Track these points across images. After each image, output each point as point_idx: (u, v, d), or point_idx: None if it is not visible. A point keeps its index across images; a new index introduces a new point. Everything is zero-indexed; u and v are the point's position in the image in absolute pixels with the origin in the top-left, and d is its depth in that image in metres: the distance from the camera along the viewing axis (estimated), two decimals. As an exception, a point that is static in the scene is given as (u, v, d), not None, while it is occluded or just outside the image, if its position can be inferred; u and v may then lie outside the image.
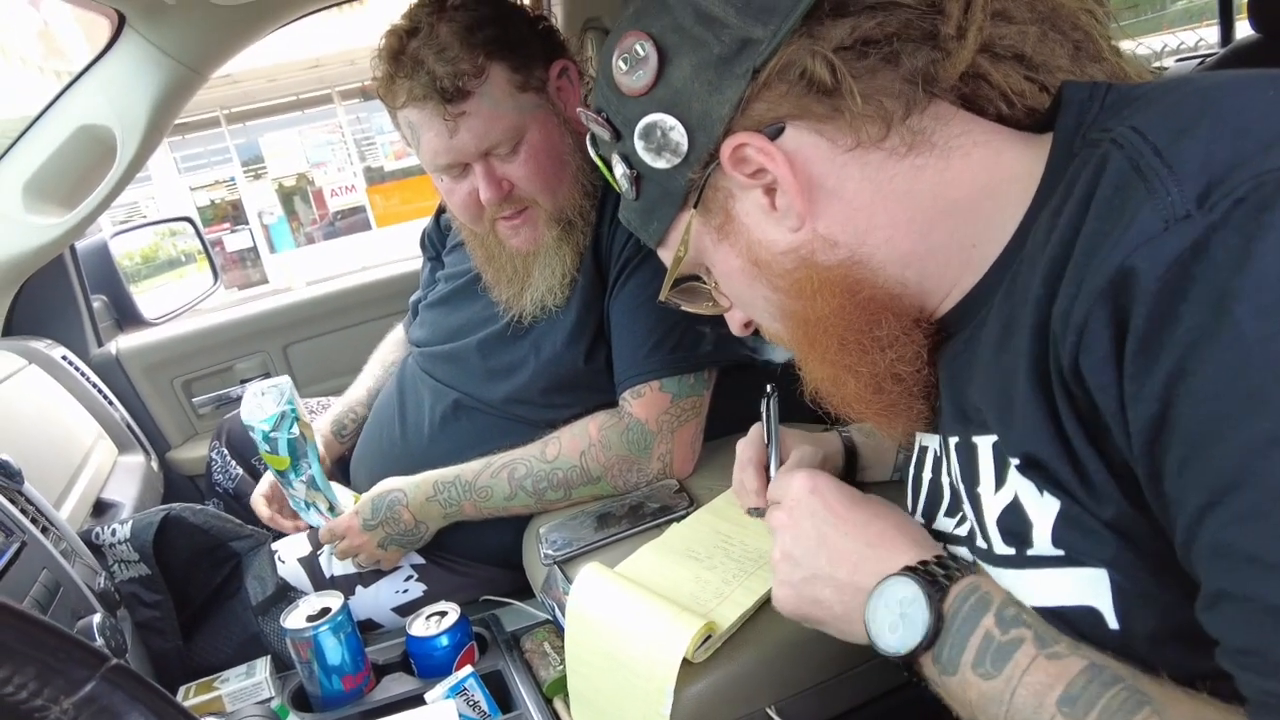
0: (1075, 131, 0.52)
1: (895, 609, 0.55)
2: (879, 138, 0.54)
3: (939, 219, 0.56)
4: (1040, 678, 0.48)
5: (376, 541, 1.14)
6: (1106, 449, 0.45)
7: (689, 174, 0.59)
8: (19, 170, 1.44)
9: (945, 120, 0.55)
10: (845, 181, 0.56)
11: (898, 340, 0.59)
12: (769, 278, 0.61)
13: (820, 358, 0.62)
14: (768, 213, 0.58)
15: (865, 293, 0.58)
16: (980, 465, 0.55)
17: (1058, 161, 0.52)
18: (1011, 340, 0.50)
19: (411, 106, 1.06)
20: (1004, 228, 0.55)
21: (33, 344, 1.51)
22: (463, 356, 1.25)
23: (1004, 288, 0.54)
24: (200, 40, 1.45)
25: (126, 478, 1.47)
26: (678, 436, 1.12)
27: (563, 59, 1.14)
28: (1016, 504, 0.52)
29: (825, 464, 0.94)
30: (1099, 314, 0.41)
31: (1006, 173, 0.55)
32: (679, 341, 1.11)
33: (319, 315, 1.86)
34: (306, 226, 12.58)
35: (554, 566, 0.99)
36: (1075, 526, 0.48)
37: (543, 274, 1.15)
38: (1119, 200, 0.42)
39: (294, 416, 1.10)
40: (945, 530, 0.63)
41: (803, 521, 0.65)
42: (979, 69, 0.55)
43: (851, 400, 0.63)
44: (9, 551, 0.82)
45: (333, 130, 12.43)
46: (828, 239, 0.57)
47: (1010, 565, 0.53)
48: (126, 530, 1.06)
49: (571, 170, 1.13)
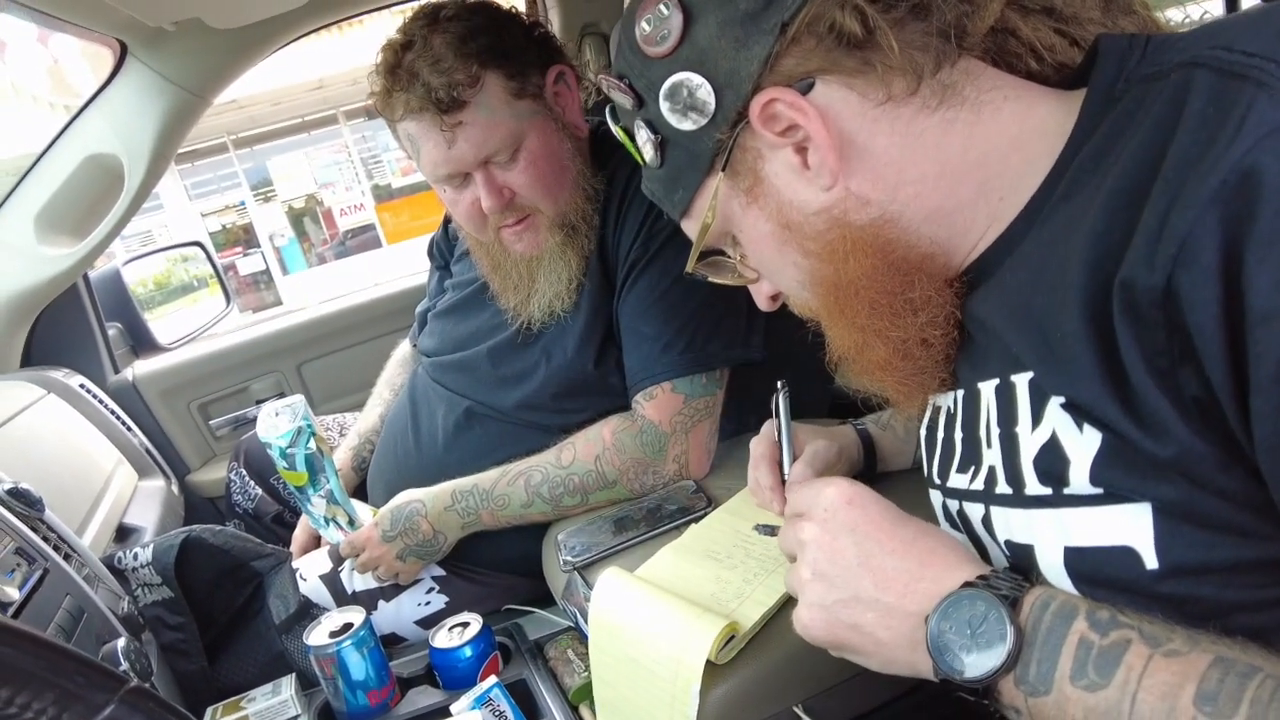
0: (1115, 78, 0.50)
1: (965, 630, 0.50)
2: (909, 91, 0.54)
3: (968, 173, 0.55)
4: (1164, 678, 0.43)
5: (395, 553, 1.13)
6: (1180, 381, 0.42)
7: (716, 135, 0.58)
8: (30, 203, 1.46)
9: (975, 75, 0.55)
10: (876, 137, 0.55)
11: (929, 302, 0.58)
12: (799, 241, 0.60)
13: (849, 323, 0.61)
14: (799, 172, 0.57)
15: (898, 253, 0.57)
16: (1018, 403, 0.53)
17: (1094, 109, 0.51)
18: (1051, 279, 0.49)
19: (409, 119, 1.07)
20: (1032, 178, 0.54)
21: (50, 374, 1.53)
22: (473, 365, 1.25)
23: (1033, 232, 0.53)
24: (201, 65, 1.47)
25: (148, 502, 1.48)
26: (692, 437, 1.11)
27: (559, 64, 1.14)
28: (1054, 441, 0.50)
29: (840, 457, 0.93)
30: (1207, 222, 0.38)
31: (1037, 127, 0.54)
32: (690, 341, 1.10)
33: (331, 333, 1.87)
34: (318, 247, 12.70)
35: (574, 573, 0.98)
36: (1118, 464, 0.46)
37: (548, 279, 1.15)
38: (1219, 108, 0.40)
39: (310, 432, 1.11)
40: (959, 487, 0.62)
41: (841, 537, 0.58)
42: (1008, 23, 0.54)
43: (876, 367, 0.62)
44: (32, 579, 0.82)
45: (339, 150, 12.53)
46: (860, 197, 0.57)
47: (1044, 505, 0.52)
48: (148, 554, 1.06)
49: (572, 175, 1.13)
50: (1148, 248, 0.41)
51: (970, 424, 0.61)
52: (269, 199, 12.48)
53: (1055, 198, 0.52)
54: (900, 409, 0.66)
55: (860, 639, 0.56)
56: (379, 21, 8.03)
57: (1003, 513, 0.56)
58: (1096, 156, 0.48)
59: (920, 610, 0.53)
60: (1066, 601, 0.48)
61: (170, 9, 1.26)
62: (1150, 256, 0.41)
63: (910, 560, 0.55)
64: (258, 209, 12.41)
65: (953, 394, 0.64)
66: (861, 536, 0.57)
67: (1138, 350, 0.43)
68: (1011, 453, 0.54)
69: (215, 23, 1.35)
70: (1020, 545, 0.55)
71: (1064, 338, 0.47)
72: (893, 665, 0.56)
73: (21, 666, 0.39)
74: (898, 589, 0.55)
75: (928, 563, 0.55)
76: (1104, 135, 0.48)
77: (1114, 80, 0.50)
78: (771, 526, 0.75)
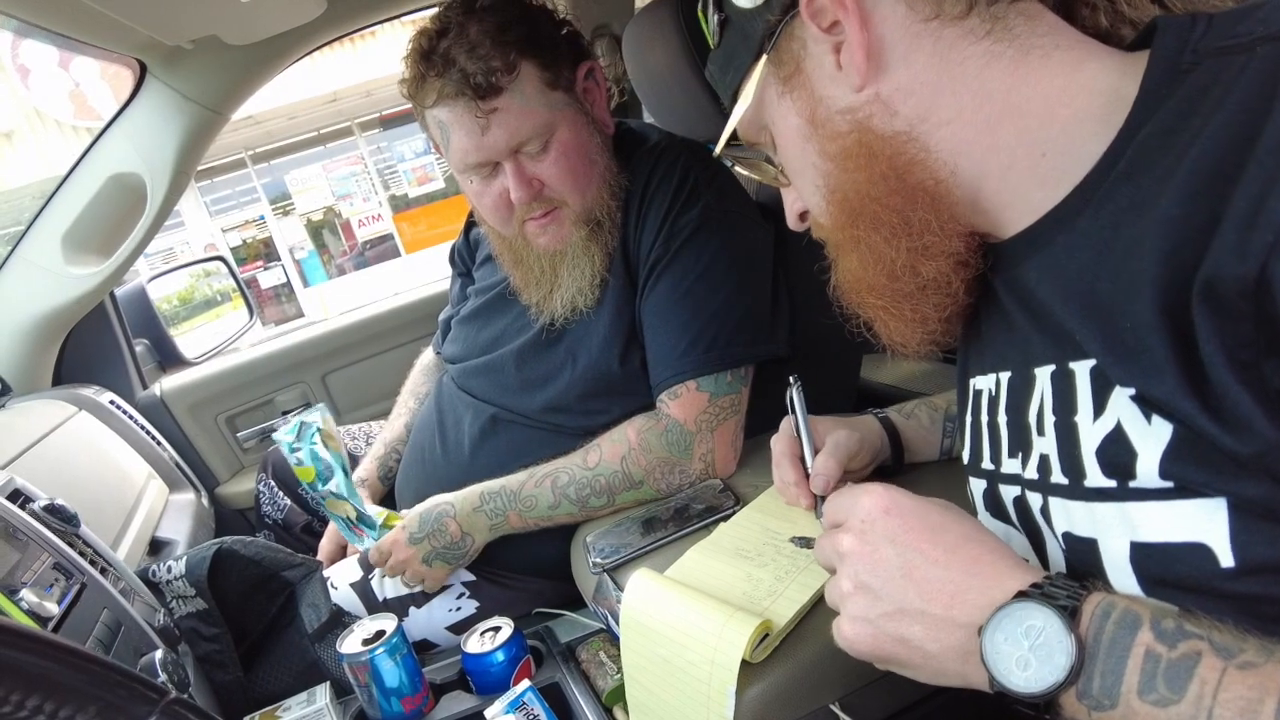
0: (1179, 50, 0.48)
1: (1022, 642, 0.47)
2: (959, 14, 0.54)
3: (1007, 116, 0.54)
4: (1242, 691, 0.41)
5: (422, 555, 1.13)
6: (1266, 372, 0.41)
7: (768, 16, 0.59)
8: (56, 224, 1.48)
9: (1031, 17, 0.54)
10: (915, 52, 0.56)
11: (928, 228, 0.58)
12: (820, 141, 0.60)
13: (854, 239, 0.61)
14: (833, 71, 0.58)
15: (915, 175, 0.57)
16: (1078, 392, 0.52)
17: (1159, 79, 0.49)
18: (1117, 264, 0.47)
19: (442, 105, 1.07)
20: (1084, 145, 0.52)
21: (81, 391, 1.55)
22: (498, 368, 1.25)
23: (1091, 209, 0.51)
24: (219, 81, 1.48)
25: (179, 515, 1.49)
26: (718, 435, 1.10)
27: (589, 61, 1.14)
28: (1120, 432, 0.48)
29: (862, 445, 0.92)
30: None
31: (1088, 84, 0.53)
32: (713, 339, 1.10)
33: (354, 343, 1.88)
34: (337, 258, 12.81)
35: (604, 575, 0.98)
36: (1191, 457, 0.45)
37: (571, 274, 1.15)
38: None
39: (315, 428, 1.13)
40: (1012, 472, 0.60)
41: (882, 548, 0.56)
42: None
43: (866, 289, 0.62)
44: (70, 594, 0.83)
45: (355, 162, 12.64)
46: (888, 106, 0.57)
47: (1107, 499, 0.50)
48: (181, 566, 1.07)
49: (599, 170, 1.14)
50: (1238, 234, 0.40)
51: (1017, 409, 0.59)
52: (288, 212, 12.62)
53: (1116, 174, 0.49)
54: (884, 337, 0.65)
55: (908, 652, 0.54)
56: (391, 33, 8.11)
57: (1062, 504, 0.55)
58: (1165, 134, 0.46)
59: (971, 621, 0.51)
60: (1129, 609, 0.46)
61: (188, 27, 1.28)
62: (1242, 244, 0.39)
63: (955, 570, 0.53)
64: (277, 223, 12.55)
65: (994, 376, 0.62)
66: (903, 546, 0.55)
67: (1219, 342, 0.41)
68: (1070, 442, 0.53)
69: (232, 39, 1.36)
70: (1082, 539, 0.53)
71: (1135, 328, 0.45)
72: (943, 677, 0.54)
73: (65, 680, 0.39)
74: (944, 600, 0.52)
75: (974, 571, 0.53)
76: (1174, 112, 0.46)
77: (1179, 51, 0.48)
78: (807, 539, 0.73)
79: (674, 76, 1.41)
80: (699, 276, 1.11)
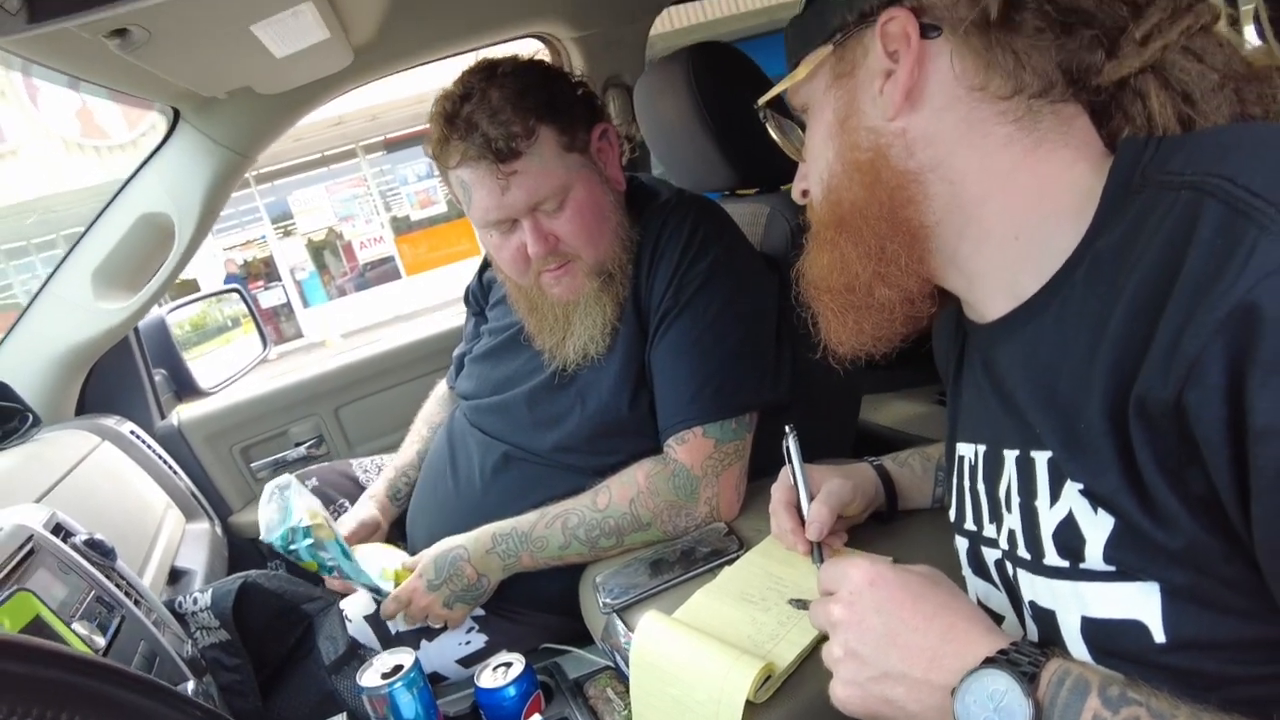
0: (1132, 170, 0.54)
1: (987, 704, 0.53)
2: (1002, 95, 0.58)
3: (999, 193, 0.59)
4: None
5: (442, 601, 1.18)
6: (1187, 481, 0.47)
7: (847, 15, 0.63)
8: (88, 261, 1.54)
9: (1064, 119, 0.58)
10: (949, 111, 0.60)
11: (896, 261, 0.63)
12: (841, 145, 0.65)
13: (832, 241, 0.66)
14: (876, 93, 0.62)
15: (906, 212, 0.62)
16: (1037, 480, 0.58)
17: (1115, 194, 0.54)
18: (1076, 368, 0.53)
19: (465, 166, 1.13)
20: (1055, 239, 0.57)
21: (104, 421, 1.60)
22: (510, 408, 1.30)
23: (1055, 308, 0.57)
24: (248, 127, 1.55)
25: (195, 545, 1.54)
26: (723, 480, 1.16)
27: (603, 122, 1.21)
28: (1071, 519, 0.55)
29: (856, 494, 0.97)
30: (1214, 347, 0.43)
31: (1073, 183, 0.58)
32: (720, 387, 1.15)
33: (367, 377, 1.93)
34: (338, 279, 12.87)
35: (613, 615, 1.03)
36: (1130, 546, 0.51)
37: (583, 323, 1.21)
38: (1226, 241, 0.44)
39: (303, 529, 1.13)
40: (991, 537, 0.66)
41: (869, 617, 0.62)
42: (1143, 87, 0.57)
43: (825, 288, 0.68)
44: (112, 626, 0.88)
45: (358, 184, 12.74)
46: (909, 145, 0.61)
47: (1061, 577, 0.56)
48: (207, 598, 1.12)
49: (612, 225, 1.20)
50: (1163, 363, 0.46)
51: (991, 482, 0.65)
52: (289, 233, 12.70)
53: (1077, 279, 0.55)
54: (826, 333, 0.70)
55: (893, 711, 0.60)
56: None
57: (1028, 577, 0.61)
58: (1118, 250, 0.52)
59: (946, 684, 0.56)
60: (1081, 676, 0.52)
61: (224, 81, 1.34)
62: (1164, 372, 0.46)
63: (932, 636, 0.59)
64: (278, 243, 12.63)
65: (973, 447, 0.68)
66: (887, 615, 0.61)
67: (1151, 451, 0.48)
68: (1031, 523, 0.59)
69: (264, 90, 1.43)
70: (1044, 610, 0.60)
71: (1087, 429, 0.51)
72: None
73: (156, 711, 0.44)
74: (923, 664, 0.58)
75: (949, 637, 0.58)
76: (1124, 232, 0.52)
77: (1131, 170, 0.54)
78: (803, 601, 0.80)
79: (683, 128, 1.48)
80: (707, 326, 1.17)
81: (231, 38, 1.12)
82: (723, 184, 1.57)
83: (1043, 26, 0.56)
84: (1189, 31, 0.55)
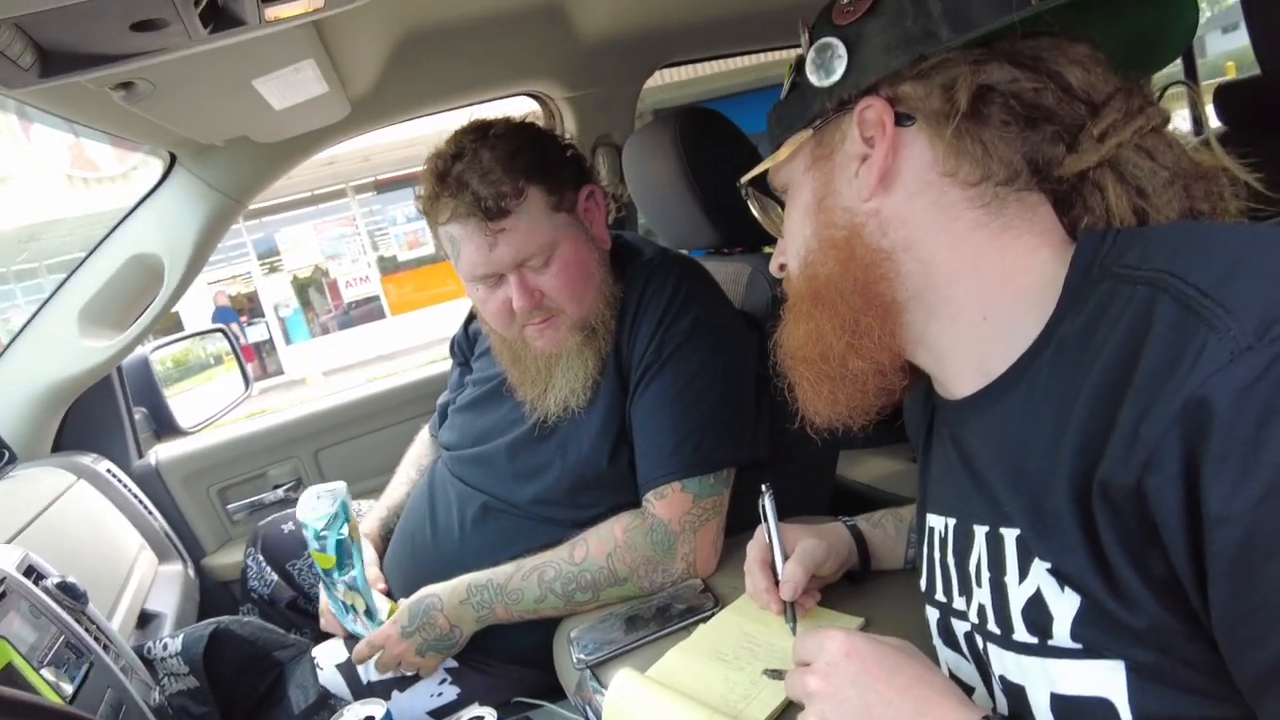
0: (1091, 261, 0.57)
1: None
2: (971, 181, 0.61)
3: (968, 275, 0.62)
4: None
5: (415, 648, 1.18)
6: (1149, 562, 0.49)
7: (826, 102, 0.66)
8: (76, 298, 1.55)
9: (1028, 206, 0.62)
10: (921, 195, 0.63)
11: (869, 334, 0.66)
12: (818, 223, 0.68)
13: (809, 314, 0.69)
14: (852, 175, 0.66)
15: (878, 288, 0.65)
16: (1006, 556, 0.60)
17: (1076, 282, 0.57)
18: (1043, 449, 0.55)
19: (455, 222, 1.16)
20: (1020, 321, 0.60)
21: (80, 459, 1.59)
22: (491, 459, 1.31)
23: (1022, 388, 0.59)
24: (243, 173, 1.58)
25: (167, 587, 1.52)
26: (700, 536, 1.17)
27: (590, 184, 1.25)
28: (1039, 597, 0.56)
29: (830, 554, 0.98)
30: (1170, 437, 0.45)
31: (1035, 269, 0.60)
32: (699, 443, 1.17)
33: (348, 420, 1.94)
34: (321, 317, 12.86)
35: (586, 670, 1.03)
36: (1096, 624, 0.53)
37: (565, 376, 1.23)
38: (1178, 337, 0.47)
39: (345, 518, 1.16)
40: (961, 609, 0.67)
41: (844, 689, 0.63)
42: (1100, 180, 0.61)
43: (801, 358, 0.70)
44: (80, 673, 0.87)
45: (346, 223, 12.81)
46: (882, 225, 0.64)
47: (1030, 653, 0.58)
48: (178, 644, 1.11)
49: (596, 282, 1.23)
50: (1124, 450, 0.48)
51: (961, 556, 0.67)
52: (275, 269, 12.71)
53: (1044, 361, 0.58)
54: (802, 401, 0.72)
55: None
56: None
57: (997, 651, 0.62)
58: (1080, 336, 0.55)
59: None
60: None
61: (222, 130, 1.38)
62: (1125, 458, 0.48)
63: (907, 710, 0.60)
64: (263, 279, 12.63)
65: (943, 520, 0.70)
66: (863, 688, 0.62)
67: (1114, 533, 0.50)
68: (1001, 599, 0.61)
69: (261, 138, 1.46)
70: (1014, 685, 0.61)
71: (1054, 510, 0.53)
72: None
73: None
74: None
75: (923, 711, 0.60)
76: (1086, 320, 0.55)
77: (1091, 262, 0.57)
78: (779, 671, 0.81)
79: (670, 189, 1.53)
80: (688, 383, 1.19)
81: (233, 91, 1.15)
82: (707, 243, 1.61)
83: (1009, 120, 0.60)
84: (1141, 131, 0.59)
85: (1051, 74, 0.60)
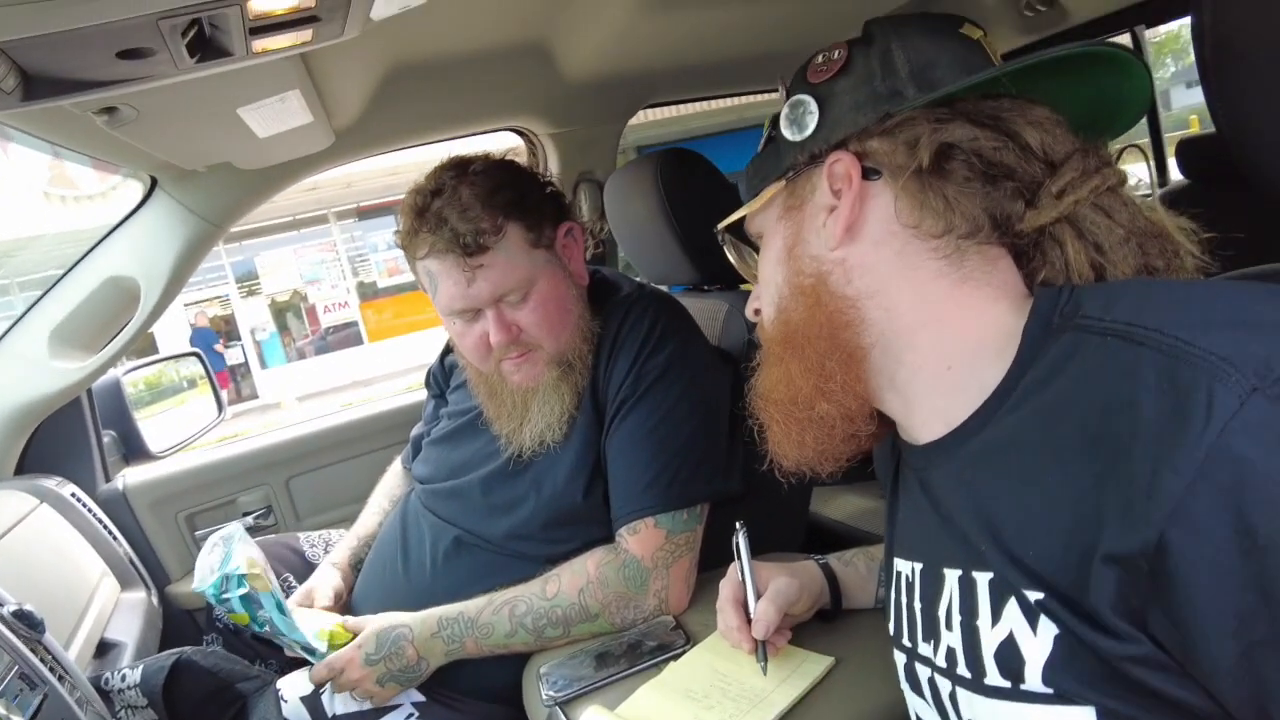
0: (1051, 313, 0.58)
1: None
2: (934, 233, 0.64)
3: (932, 323, 0.64)
4: None
5: (376, 677, 1.15)
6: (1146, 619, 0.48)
7: (798, 155, 0.70)
8: (48, 319, 1.53)
9: (989, 260, 0.64)
10: (885, 245, 0.66)
11: (833, 378, 0.67)
12: (789, 271, 0.71)
13: (780, 358, 0.71)
14: (819, 225, 0.68)
15: (843, 335, 0.67)
16: (979, 599, 0.60)
17: (1036, 333, 0.58)
18: (1016, 500, 0.56)
19: (433, 257, 1.17)
20: (983, 370, 0.61)
21: (43, 482, 1.56)
22: (465, 493, 1.31)
23: (987, 436, 0.60)
24: (224, 199, 1.58)
25: (129, 615, 1.48)
26: (673, 572, 1.17)
27: (568, 221, 1.26)
28: (1011, 640, 0.56)
29: (802, 593, 0.99)
30: (1202, 489, 0.44)
31: (994, 320, 0.62)
32: (673, 478, 1.17)
33: (321, 448, 1.92)
34: (298, 341, 12.75)
35: (556, 708, 1.02)
36: (1067, 669, 0.53)
37: (541, 411, 1.23)
38: (1175, 387, 0.46)
39: (238, 576, 1.10)
40: (926, 655, 0.68)
41: None
42: (1059, 235, 0.63)
43: (771, 401, 0.72)
44: (32, 705, 0.85)
45: (327, 248, 12.78)
46: (848, 273, 0.67)
47: (1003, 697, 0.58)
48: (137, 675, 1.08)
49: (574, 318, 1.24)
50: (1139, 505, 0.47)
51: (930, 601, 0.67)
52: (254, 292, 12.62)
53: (1007, 408, 0.59)
54: (772, 445, 0.74)
55: None
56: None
57: (968, 696, 0.62)
58: (1042, 381, 0.56)
59: None
60: None
61: (205, 156, 1.38)
62: (1142, 514, 0.47)
63: None
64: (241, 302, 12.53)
65: (910, 564, 0.71)
66: None
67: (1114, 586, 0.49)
68: (972, 643, 0.61)
69: (243, 165, 1.47)
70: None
71: (1038, 558, 0.54)
72: None
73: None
74: None
75: None
76: (1049, 369, 0.56)
77: (1050, 313, 0.58)
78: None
79: (650, 226, 1.55)
80: (663, 418, 1.20)
81: (217, 118, 1.16)
82: (685, 279, 1.63)
83: (970, 176, 0.63)
84: (1098, 190, 0.62)
85: (1010, 134, 0.63)
